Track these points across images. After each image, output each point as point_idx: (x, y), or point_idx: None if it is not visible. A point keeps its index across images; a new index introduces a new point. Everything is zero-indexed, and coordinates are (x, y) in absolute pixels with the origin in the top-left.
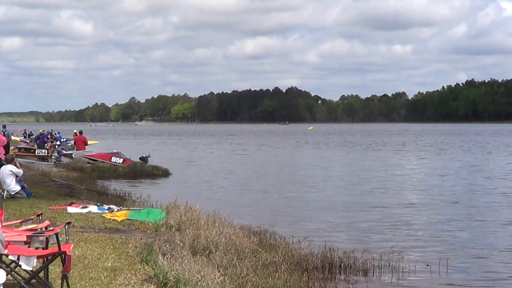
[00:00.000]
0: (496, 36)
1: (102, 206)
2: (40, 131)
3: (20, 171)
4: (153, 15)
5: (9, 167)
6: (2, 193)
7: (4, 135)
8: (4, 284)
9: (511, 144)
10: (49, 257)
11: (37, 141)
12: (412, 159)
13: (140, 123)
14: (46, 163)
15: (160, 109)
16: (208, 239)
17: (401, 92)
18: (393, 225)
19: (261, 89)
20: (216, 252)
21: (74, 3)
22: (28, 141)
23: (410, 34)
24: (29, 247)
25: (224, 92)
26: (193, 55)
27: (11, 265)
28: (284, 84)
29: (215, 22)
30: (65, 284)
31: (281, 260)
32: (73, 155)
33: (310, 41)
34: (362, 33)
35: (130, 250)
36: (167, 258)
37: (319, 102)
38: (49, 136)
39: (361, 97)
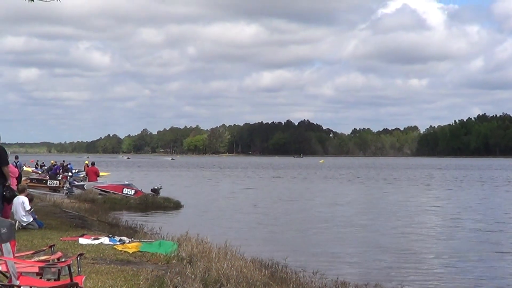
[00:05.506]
0: None
1: (113, 237)
2: (52, 162)
3: (27, 207)
4: (170, 47)
5: (21, 199)
6: (14, 224)
7: (16, 166)
8: None
9: None
10: None
11: (49, 172)
12: (425, 194)
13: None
14: (58, 194)
15: (172, 141)
16: (220, 272)
17: (413, 126)
18: (404, 260)
19: (273, 122)
20: (227, 285)
21: (93, 34)
22: (40, 172)
23: (427, 68)
24: (41, 278)
25: (236, 124)
26: (208, 87)
27: None
28: (297, 117)
29: (232, 55)
30: None
31: None
32: (85, 186)
33: (326, 74)
34: (379, 67)
35: (142, 282)
36: None
37: (331, 135)
38: (61, 167)
39: (373, 131)
